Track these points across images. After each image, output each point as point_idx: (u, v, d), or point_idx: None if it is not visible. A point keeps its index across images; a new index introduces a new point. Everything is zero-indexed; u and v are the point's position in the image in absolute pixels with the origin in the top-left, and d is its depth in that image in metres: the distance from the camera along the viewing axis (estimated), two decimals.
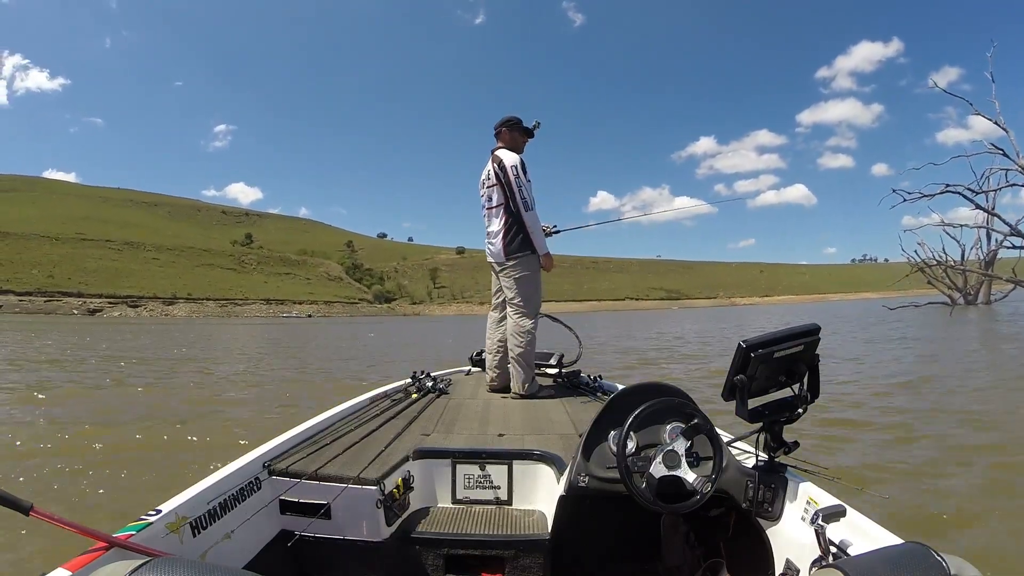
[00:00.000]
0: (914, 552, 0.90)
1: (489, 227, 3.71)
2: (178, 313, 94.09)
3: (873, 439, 5.06)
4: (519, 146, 3.76)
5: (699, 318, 46.63)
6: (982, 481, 3.93)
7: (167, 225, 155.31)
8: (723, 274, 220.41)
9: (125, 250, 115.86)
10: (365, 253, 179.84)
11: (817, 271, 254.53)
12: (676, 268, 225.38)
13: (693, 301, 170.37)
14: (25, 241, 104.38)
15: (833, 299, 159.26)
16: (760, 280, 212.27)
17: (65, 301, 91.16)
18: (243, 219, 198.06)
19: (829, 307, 71.89)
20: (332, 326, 47.42)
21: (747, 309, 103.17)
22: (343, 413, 2.75)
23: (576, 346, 4.26)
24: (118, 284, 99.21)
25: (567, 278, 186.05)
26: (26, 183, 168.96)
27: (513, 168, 3.54)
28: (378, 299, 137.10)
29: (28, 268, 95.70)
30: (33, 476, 4.20)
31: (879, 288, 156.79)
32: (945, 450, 4.66)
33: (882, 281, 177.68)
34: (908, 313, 30.56)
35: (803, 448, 1.77)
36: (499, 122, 3.76)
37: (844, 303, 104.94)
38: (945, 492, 3.74)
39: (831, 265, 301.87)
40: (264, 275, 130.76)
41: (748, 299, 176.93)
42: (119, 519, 1.71)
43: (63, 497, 3.81)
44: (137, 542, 1.31)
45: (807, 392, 1.65)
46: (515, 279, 3.62)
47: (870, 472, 4.14)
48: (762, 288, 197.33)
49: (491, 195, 3.67)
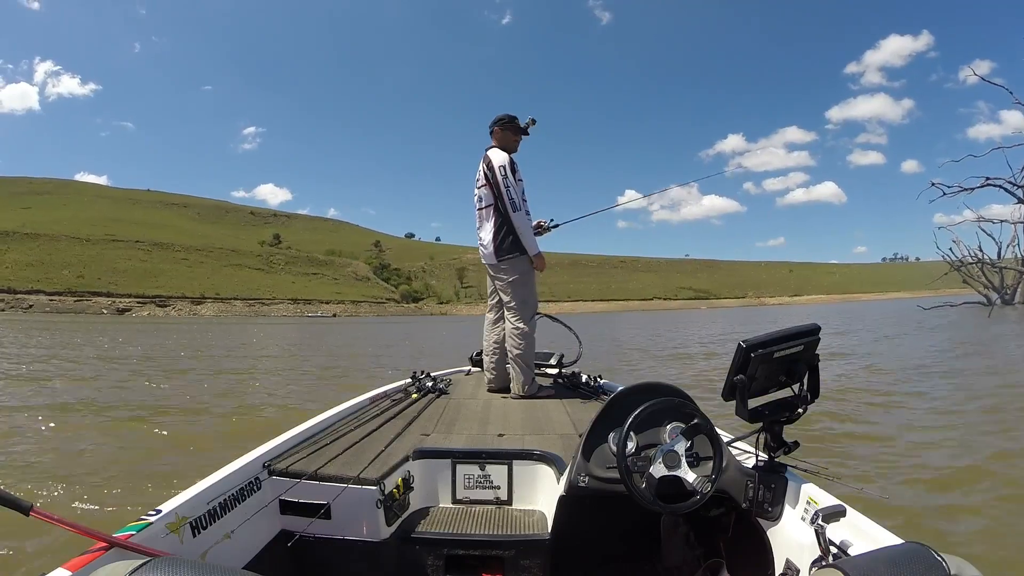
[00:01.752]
0: (914, 552, 0.90)
1: (480, 228, 3.67)
2: (206, 312, 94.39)
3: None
4: (511, 145, 3.68)
5: (729, 319, 45.60)
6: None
7: (196, 226, 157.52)
8: (752, 273, 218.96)
9: (154, 250, 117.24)
10: (393, 253, 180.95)
11: (847, 270, 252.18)
12: (704, 267, 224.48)
13: (722, 301, 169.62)
14: (56, 242, 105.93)
15: (863, 299, 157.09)
16: (789, 280, 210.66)
17: (94, 301, 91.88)
18: (271, 220, 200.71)
19: (862, 307, 70.46)
20: (361, 326, 47.82)
21: (777, 309, 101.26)
22: (343, 413, 2.74)
23: (576, 346, 4.21)
24: (147, 284, 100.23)
25: (595, 278, 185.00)
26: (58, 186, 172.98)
27: (501, 168, 3.48)
28: (405, 299, 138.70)
29: (59, 269, 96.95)
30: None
31: (911, 288, 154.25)
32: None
33: (914, 280, 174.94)
34: (951, 314, 29.85)
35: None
36: (492, 120, 3.70)
37: (876, 303, 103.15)
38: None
39: (861, 264, 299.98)
40: (292, 275, 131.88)
41: (777, 299, 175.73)
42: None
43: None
44: (137, 542, 1.31)
45: (807, 392, 1.64)
46: (508, 282, 3.59)
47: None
48: (791, 288, 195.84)
49: (482, 195, 3.62)
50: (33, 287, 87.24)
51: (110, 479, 4.02)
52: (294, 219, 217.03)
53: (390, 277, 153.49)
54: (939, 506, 3.45)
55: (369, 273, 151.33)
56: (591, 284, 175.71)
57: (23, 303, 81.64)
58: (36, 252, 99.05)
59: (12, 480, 3.97)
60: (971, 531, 3.11)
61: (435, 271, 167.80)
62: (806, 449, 1.81)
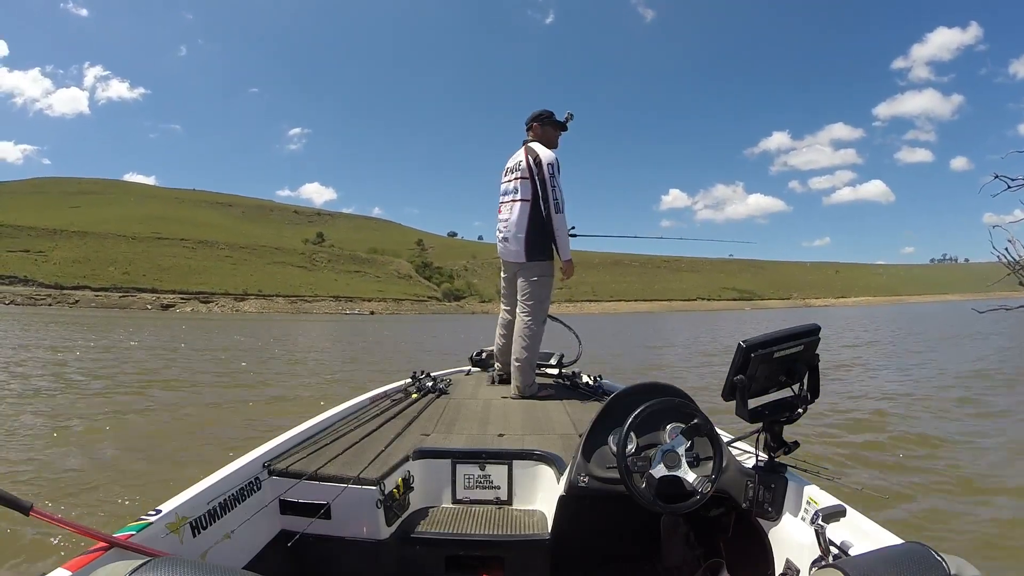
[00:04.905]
0: (914, 552, 0.89)
1: (507, 219, 3.56)
2: (248, 309, 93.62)
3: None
4: (552, 141, 3.62)
5: (774, 320, 43.80)
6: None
7: (240, 225, 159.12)
8: (797, 274, 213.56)
9: (199, 248, 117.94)
10: (435, 251, 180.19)
11: (894, 272, 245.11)
12: (748, 267, 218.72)
13: (766, 302, 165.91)
14: (103, 240, 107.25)
15: (911, 301, 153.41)
16: (835, 281, 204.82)
17: (139, 296, 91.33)
18: (315, 218, 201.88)
19: (912, 309, 68.90)
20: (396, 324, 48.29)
21: (824, 311, 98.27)
22: (343, 413, 2.74)
23: (576, 346, 4.20)
24: (191, 281, 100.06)
25: (639, 277, 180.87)
26: (106, 186, 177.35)
27: (550, 167, 3.40)
28: (447, 297, 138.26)
29: (105, 266, 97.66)
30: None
31: (961, 290, 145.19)
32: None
33: (963, 282, 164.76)
34: (1010, 317, 26.53)
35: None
36: (530, 116, 3.62)
37: (925, 305, 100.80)
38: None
39: (909, 265, 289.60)
40: (334, 273, 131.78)
41: (822, 300, 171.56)
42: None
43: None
44: (137, 542, 1.31)
45: (807, 392, 1.64)
46: (532, 281, 3.53)
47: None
48: (837, 289, 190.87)
49: (517, 186, 3.51)
50: (79, 283, 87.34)
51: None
52: (338, 218, 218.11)
53: (432, 275, 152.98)
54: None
55: (411, 271, 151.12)
56: (634, 284, 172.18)
57: (69, 298, 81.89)
58: (83, 249, 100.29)
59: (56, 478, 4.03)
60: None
61: (477, 270, 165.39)
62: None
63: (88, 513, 3.41)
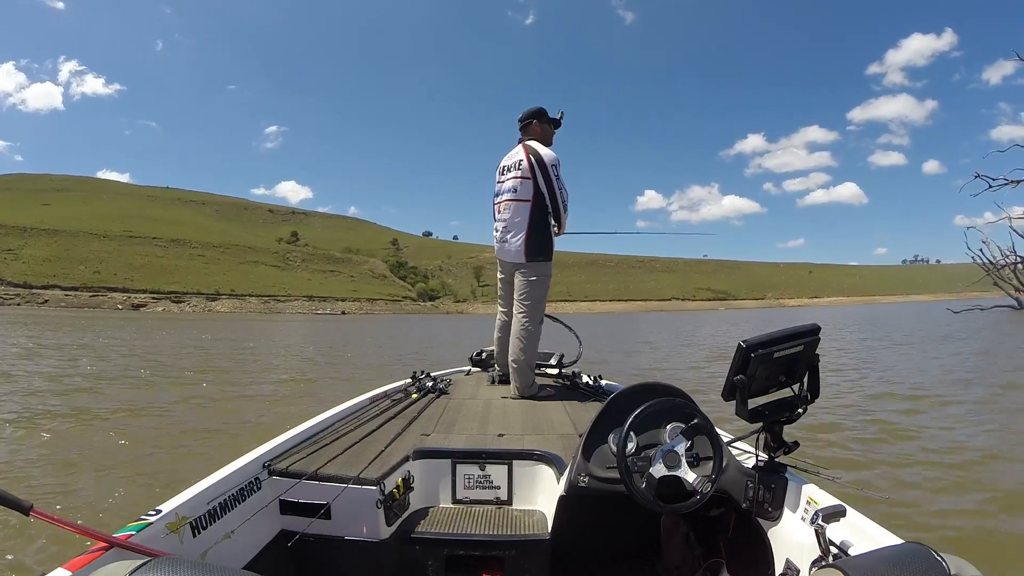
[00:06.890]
0: (914, 552, 0.90)
1: (506, 220, 3.47)
2: (220, 309, 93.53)
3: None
4: (550, 139, 3.58)
5: (751, 320, 44.19)
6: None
7: (214, 223, 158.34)
8: (771, 274, 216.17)
9: (171, 247, 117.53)
10: (410, 251, 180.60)
11: (867, 272, 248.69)
12: (723, 268, 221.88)
13: (740, 302, 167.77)
14: (73, 238, 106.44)
15: (884, 301, 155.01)
16: (809, 281, 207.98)
17: (110, 296, 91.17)
18: (289, 217, 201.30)
19: (886, 310, 69.26)
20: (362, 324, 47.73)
21: (797, 311, 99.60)
22: (343, 413, 2.73)
23: (576, 346, 4.19)
24: (162, 280, 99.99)
25: (614, 278, 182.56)
26: (78, 183, 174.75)
27: (554, 168, 3.35)
28: (422, 297, 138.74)
29: (75, 264, 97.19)
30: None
31: (932, 290, 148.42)
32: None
33: (935, 283, 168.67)
34: (984, 317, 29.48)
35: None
36: (526, 113, 3.56)
37: (898, 306, 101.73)
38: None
39: (882, 266, 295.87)
40: (308, 272, 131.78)
41: (796, 300, 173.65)
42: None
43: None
44: (137, 542, 1.31)
45: (807, 392, 1.64)
46: (530, 281, 3.46)
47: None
48: (811, 289, 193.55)
49: (517, 186, 3.42)
50: (49, 282, 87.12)
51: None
52: (313, 217, 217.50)
53: (407, 275, 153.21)
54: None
55: (386, 271, 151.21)
56: (608, 284, 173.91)
57: (39, 297, 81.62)
58: (53, 247, 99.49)
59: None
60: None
61: (452, 269, 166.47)
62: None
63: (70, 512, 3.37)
